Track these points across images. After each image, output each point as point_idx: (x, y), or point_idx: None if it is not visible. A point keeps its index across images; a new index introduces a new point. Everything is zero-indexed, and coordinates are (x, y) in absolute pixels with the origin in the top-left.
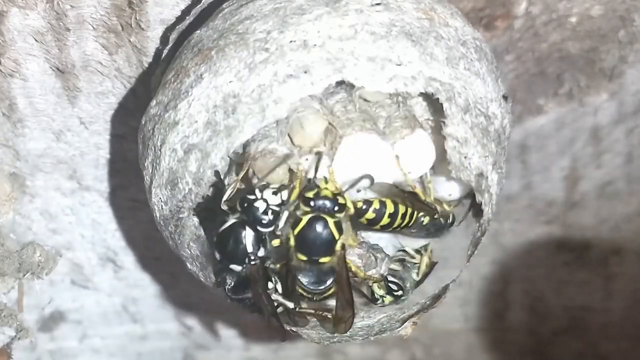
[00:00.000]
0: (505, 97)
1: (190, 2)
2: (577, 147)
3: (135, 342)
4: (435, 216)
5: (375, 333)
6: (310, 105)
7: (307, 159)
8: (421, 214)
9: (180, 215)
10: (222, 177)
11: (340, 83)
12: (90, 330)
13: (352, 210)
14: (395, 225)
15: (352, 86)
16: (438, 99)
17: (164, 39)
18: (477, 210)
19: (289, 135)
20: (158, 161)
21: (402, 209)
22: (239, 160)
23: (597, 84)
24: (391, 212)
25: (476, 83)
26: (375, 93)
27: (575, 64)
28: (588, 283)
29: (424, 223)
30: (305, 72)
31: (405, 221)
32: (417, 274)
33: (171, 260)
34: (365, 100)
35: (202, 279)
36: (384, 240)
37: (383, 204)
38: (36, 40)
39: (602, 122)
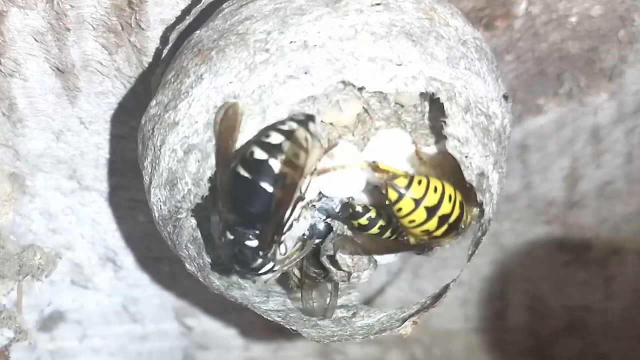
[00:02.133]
0: (505, 97)
1: (190, 2)
2: (577, 147)
3: (135, 342)
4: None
5: (375, 332)
6: (349, 91)
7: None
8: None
9: (179, 216)
10: None
11: None
12: (90, 330)
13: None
14: (384, 237)
15: None
16: (439, 99)
17: (164, 39)
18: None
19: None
20: (157, 161)
21: (392, 226)
22: None
23: (597, 84)
24: (382, 224)
25: (477, 83)
26: (409, 97)
27: (575, 64)
28: (588, 283)
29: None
30: (306, 72)
31: (394, 237)
32: None
33: (171, 260)
34: (397, 103)
35: (200, 279)
36: None
37: (378, 216)
38: (36, 40)
39: (602, 122)
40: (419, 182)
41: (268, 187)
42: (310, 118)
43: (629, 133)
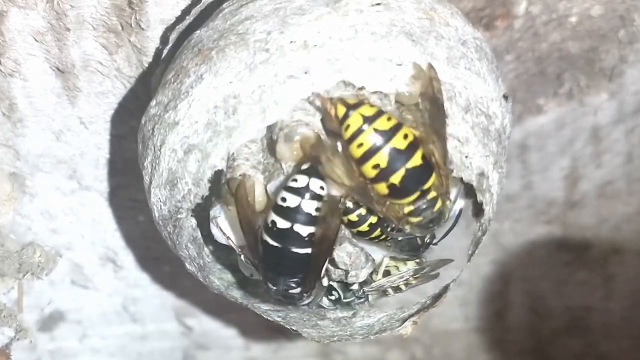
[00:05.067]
0: (505, 97)
1: (190, 2)
2: (577, 147)
3: (135, 342)
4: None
5: (375, 332)
6: (348, 91)
7: (338, 143)
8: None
9: (179, 216)
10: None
11: None
12: (90, 330)
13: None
14: (373, 235)
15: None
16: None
17: (164, 39)
18: (477, 209)
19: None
20: (157, 161)
21: (381, 222)
22: (269, 135)
23: (597, 84)
24: (372, 222)
25: (477, 82)
26: (409, 96)
27: (575, 64)
28: (588, 283)
29: (399, 239)
30: (306, 72)
31: (384, 235)
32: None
33: (171, 260)
34: (397, 101)
35: (200, 279)
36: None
37: (369, 213)
38: (36, 40)
39: (602, 122)
40: (371, 106)
41: (301, 251)
42: (314, 166)
43: (629, 133)
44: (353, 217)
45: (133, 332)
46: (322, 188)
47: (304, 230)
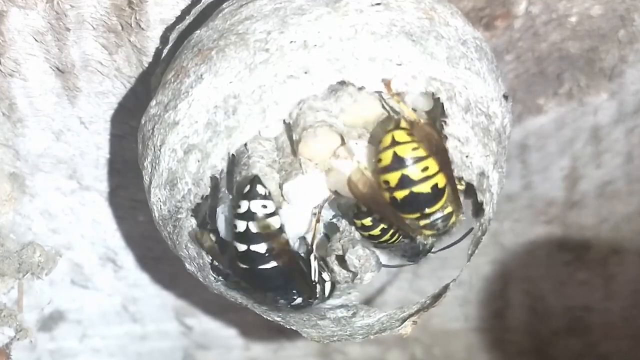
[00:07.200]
0: (505, 97)
1: (190, 2)
2: (577, 147)
3: (135, 342)
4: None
5: (375, 332)
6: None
7: (356, 143)
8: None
9: (179, 216)
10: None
11: None
12: (90, 330)
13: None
14: (382, 240)
15: None
16: (439, 98)
17: (164, 38)
18: (477, 209)
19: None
20: (157, 161)
21: (393, 228)
22: (289, 131)
23: (597, 83)
24: (384, 227)
25: (477, 82)
26: (419, 98)
27: (575, 64)
28: (588, 283)
29: (403, 243)
30: (306, 72)
31: (393, 239)
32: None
33: (171, 260)
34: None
35: (200, 279)
36: None
37: (381, 220)
38: (36, 40)
39: (602, 122)
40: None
41: (267, 266)
42: (254, 181)
43: (629, 133)
44: (367, 221)
45: (133, 332)
46: (264, 207)
47: (260, 248)
